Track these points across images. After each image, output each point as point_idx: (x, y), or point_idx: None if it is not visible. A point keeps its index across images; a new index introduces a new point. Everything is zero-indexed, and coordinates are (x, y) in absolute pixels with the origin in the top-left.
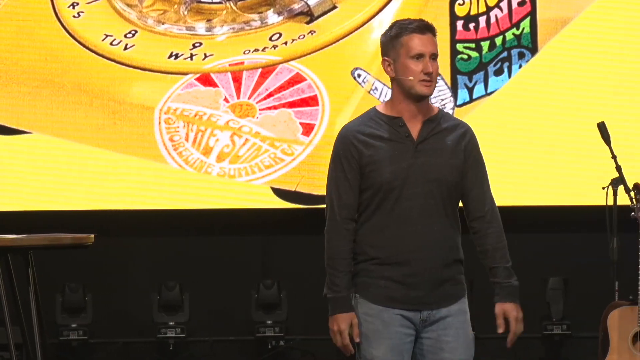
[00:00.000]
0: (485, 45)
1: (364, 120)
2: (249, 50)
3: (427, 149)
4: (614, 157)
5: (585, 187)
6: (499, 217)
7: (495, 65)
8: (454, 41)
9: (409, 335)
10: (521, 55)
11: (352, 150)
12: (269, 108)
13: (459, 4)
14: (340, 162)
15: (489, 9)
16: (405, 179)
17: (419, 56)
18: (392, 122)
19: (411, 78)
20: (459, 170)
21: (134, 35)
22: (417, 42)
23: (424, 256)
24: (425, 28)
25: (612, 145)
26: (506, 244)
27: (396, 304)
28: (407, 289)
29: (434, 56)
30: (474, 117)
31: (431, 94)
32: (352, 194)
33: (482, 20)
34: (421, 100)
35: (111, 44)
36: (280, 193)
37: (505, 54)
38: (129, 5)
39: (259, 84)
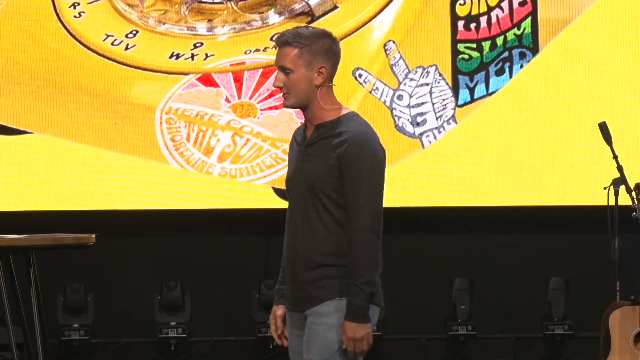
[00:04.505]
0: (486, 45)
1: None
2: (250, 50)
3: (311, 153)
4: (615, 157)
5: (586, 187)
6: (362, 234)
7: (496, 65)
8: (455, 41)
9: (299, 337)
10: (522, 55)
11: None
12: (270, 108)
13: (460, 4)
14: None
15: (490, 9)
16: (292, 182)
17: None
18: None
19: None
20: (330, 177)
21: (135, 35)
22: None
23: (292, 258)
24: (279, 43)
25: (613, 145)
26: (362, 258)
27: (286, 304)
28: (288, 290)
29: (282, 69)
30: (475, 117)
31: (290, 106)
32: None
33: (483, 20)
34: (301, 110)
35: (112, 44)
36: (281, 193)
37: (506, 54)
38: (130, 6)
39: (260, 84)
